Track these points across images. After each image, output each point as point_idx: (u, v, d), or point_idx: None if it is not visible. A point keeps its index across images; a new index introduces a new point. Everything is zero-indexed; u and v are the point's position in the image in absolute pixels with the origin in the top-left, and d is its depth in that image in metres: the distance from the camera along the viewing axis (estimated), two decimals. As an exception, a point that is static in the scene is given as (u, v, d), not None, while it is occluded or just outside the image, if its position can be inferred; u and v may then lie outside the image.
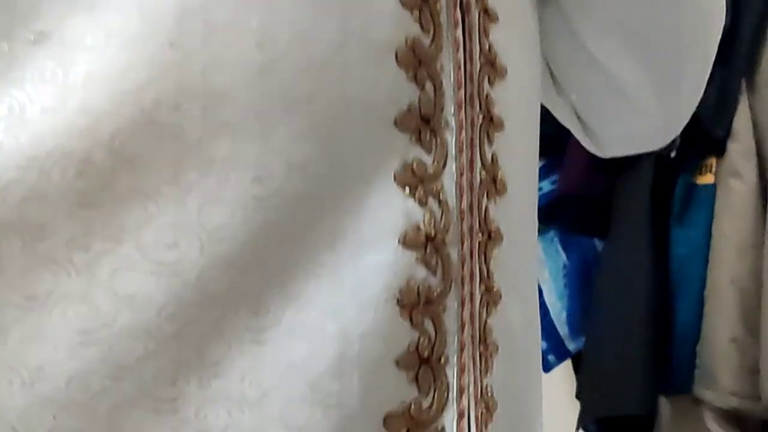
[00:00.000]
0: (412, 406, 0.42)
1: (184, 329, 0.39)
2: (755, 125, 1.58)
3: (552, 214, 1.75)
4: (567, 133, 1.84)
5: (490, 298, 0.46)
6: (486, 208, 0.45)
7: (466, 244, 0.44)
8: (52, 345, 0.38)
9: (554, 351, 1.83)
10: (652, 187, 1.62)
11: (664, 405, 1.87)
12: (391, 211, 0.41)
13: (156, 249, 0.39)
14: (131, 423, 0.38)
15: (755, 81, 1.60)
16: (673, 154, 1.60)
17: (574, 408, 1.88)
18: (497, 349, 0.46)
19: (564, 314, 1.81)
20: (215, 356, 0.39)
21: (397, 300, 0.41)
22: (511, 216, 0.47)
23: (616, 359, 1.63)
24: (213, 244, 0.39)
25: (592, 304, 1.71)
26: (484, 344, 0.45)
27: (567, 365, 1.89)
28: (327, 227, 0.41)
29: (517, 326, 0.48)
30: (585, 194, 1.70)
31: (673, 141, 1.59)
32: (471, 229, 0.44)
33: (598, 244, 1.78)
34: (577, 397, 1.77)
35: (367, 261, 0.41)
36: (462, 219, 0.44)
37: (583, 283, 1.78)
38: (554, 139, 1.13)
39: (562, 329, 1.82)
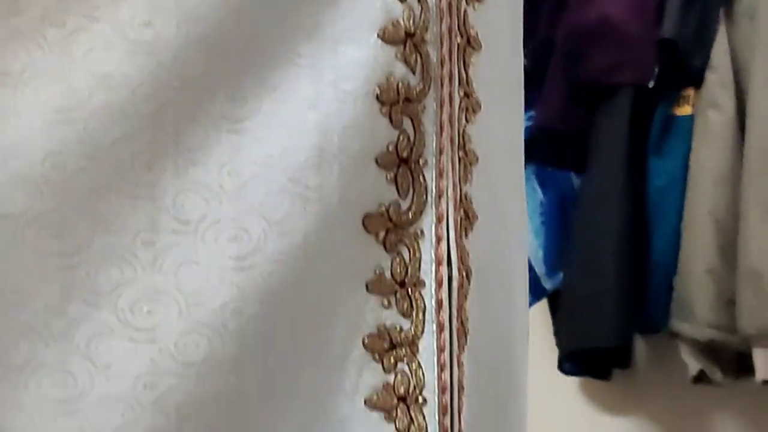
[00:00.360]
0: (391, 208, 0.41)
1: (159, 111, 0.37)
2: (733, 56, 1.58)
3: (528, 150, 1.74)
4: (543, 68, 1.83)
5: (469, 104, 0.45)
6: (465, 11, 0.45)
7: (446, 45, 0.43)
8: (27, 123, 0.36)
9: (531, 290, 1.81)
10: (630, 119, 1.62)
11: (640, 344, 1.88)
12: (369, 4, 0.40)
13: (131, 27, 0.37)
14: (108, 207, 0.37)
15: (734, 11, 1.59)
16: (651, 85, 1.60)
17: (551, 349, 1.88)
18: (477, 159, 0.45)
19: (540, 252, 1.81)
20: (192, 142, 0.38)
21: (377, 96, 0.40)
22: (489, 24, 0.47)
23: (592, 293, 1.62)
24: (189, 24, 0.38)
25: (569, 239, 1.71)
26: (464, 150, 0.44)
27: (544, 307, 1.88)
28: (304, 17, 0.39)
29: (496, 138, 0.47)
30: (562, 128, 1.69)
31: (652, 72, 1.58)
32: (450, 30, 0.43)
33: (575, 180, 1.77)
34: (554, 333, 1.77)
35: (347, 54, 0.40)
36: (441, 18, 0.43)
37: (559, 221, 1.77)
38: (530, 75, 1.12)
39: (539, 268, 1.81)
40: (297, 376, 0.38)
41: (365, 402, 0.39)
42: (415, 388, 0.40)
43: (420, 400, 0.40)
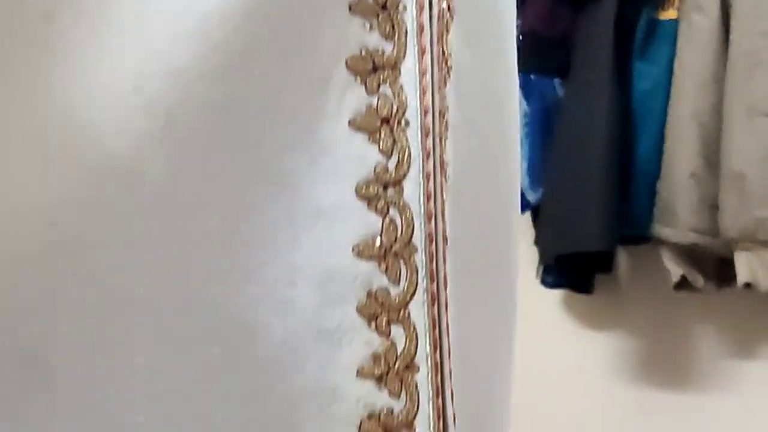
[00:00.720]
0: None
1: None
2: (718, -42, 1.58)
3: (513, 59, 1.74)
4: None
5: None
6: None
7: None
8: None
9: (514, 202, 1.82)
10: (614, 23, 1.61)
11: (622, 256, 1.89)
12: None
13: None
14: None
15: None
16: (636, -11, 1.59)
17: (534, 264, 1.88)
18: None
19: (524, 164, 1.80)
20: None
21: None
22: None
23: (576, 199, 1.62)
24: None
25: (553, 146, 1.71)
26: None
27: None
28: None
29: None
30: (546, 33, 1.68)
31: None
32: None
33: (559, 89, 1.77)
34: (535, 243, 1.77)
35: None
36: None
37: (543, 132, 1.77)
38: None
39: (523, 180, 1.81)
40: (281, 93, 0.37)
41: (348, 123, 0.39)
42: (397, 110, 0.40)
43: (402, 122, 0.40)
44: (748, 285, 1.54)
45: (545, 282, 1.87)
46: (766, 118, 1.52)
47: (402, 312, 0.40)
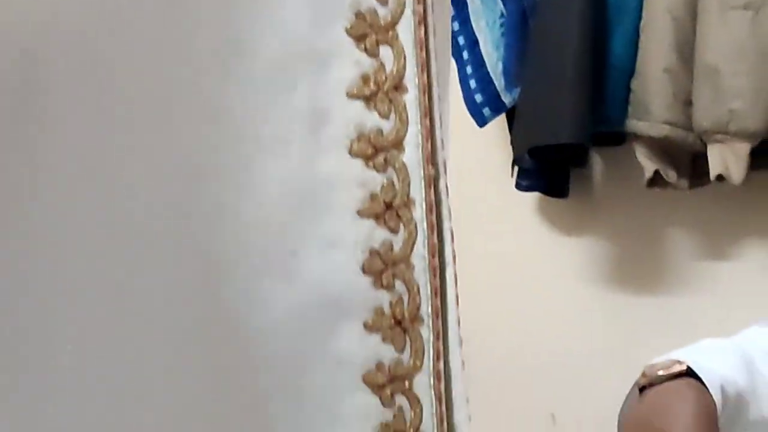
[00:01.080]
0: None
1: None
2: None
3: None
4: None
5: None
6: None
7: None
8: None
9: (489, 104, 1.83)
10: None
11: (597, 160, 1.90)
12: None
13: None
14: None
15: None
16: None
17: (508, 170, 1.89)
18: None
19: (500, 65, 1.81)
20: None
21: None
22: None
23: (551, 96, 1.63)
24: None
25: (529, 43, 1.71)
26: None
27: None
28: None
29: None
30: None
31: None
32: None
33: (536, -10, 1.77)
34: (511, 143, 1.78)
35: None
36: None
37: (520, 33, 1.77)
38: None
39: (498, 81, 1.81)
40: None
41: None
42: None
43: None
44: (720, 178, 1.56)
45: (520, 186, 1.89)
46: (739, 11, 1.53)
47: (390, 33, 0.40)
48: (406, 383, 0.41)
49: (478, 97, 1.83)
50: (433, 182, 0.43)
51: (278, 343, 0.38)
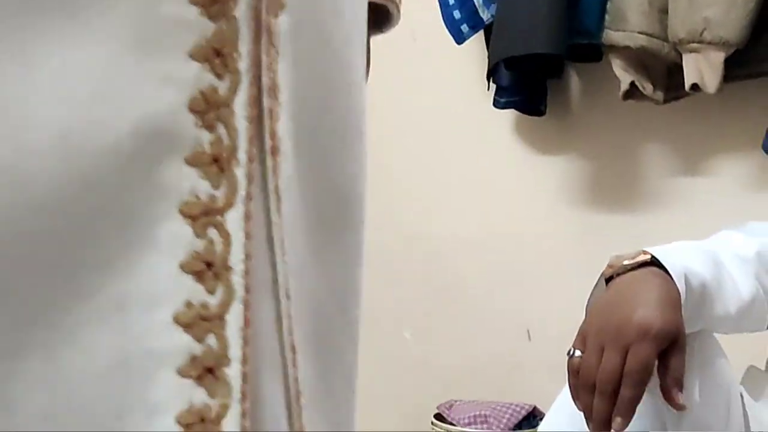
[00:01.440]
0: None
1: None
2: None
3: None
4: None
5: None
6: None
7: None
8: None
9: (468, 20, 1.83)
10: None
11: (574, 79, 1.91)
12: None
13: None
14: None
15: None
16: None
17: (486, 91, 1.90)
18: None
19: (478, -19, 1.81)
20: None
21: None
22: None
23: (528, 5, 1.64)
24: None
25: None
26: None
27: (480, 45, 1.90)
28: None
29: None
30: None
31: None
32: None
33: None
34: (488, 58, 1.79)
35: None
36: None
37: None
38: None
39: (477, -3, 1.82)
40: None
41: None
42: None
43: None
44: (695, 87, 1.57)
45: (497, 103, 1.89)
46: None
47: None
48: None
49: (456, 14, 1.83)
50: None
51: None
